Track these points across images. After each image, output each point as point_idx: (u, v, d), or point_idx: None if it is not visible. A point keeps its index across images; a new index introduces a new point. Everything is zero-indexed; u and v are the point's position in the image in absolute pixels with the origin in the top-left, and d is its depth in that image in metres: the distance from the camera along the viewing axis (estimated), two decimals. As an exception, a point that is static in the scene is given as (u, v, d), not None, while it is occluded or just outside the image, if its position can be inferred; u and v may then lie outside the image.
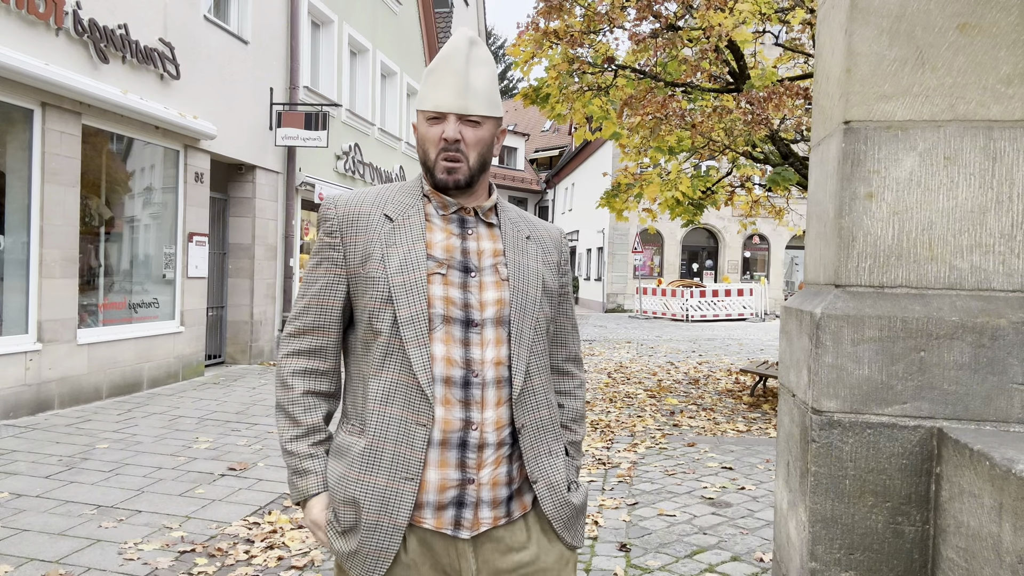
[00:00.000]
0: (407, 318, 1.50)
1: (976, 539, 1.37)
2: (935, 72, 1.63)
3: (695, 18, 7.50)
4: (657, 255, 29.06)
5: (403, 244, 1.54)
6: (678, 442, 6.68)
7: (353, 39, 13.95)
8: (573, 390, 1.76)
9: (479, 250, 1.59)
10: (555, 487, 1.59)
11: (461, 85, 1.53)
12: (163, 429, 6.68)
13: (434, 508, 1.52)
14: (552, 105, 9.00)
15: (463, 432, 1.51)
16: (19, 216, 7.09)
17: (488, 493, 1.54)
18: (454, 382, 1.51)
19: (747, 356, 13.98)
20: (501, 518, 1.56)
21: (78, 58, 7.49)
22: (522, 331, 1.56)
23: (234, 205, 11.02)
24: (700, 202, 10.38)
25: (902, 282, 1.64)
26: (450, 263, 1.55)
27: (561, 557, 1.62)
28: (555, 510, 1.59)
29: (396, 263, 1.52)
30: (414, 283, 1.51)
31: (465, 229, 1.59)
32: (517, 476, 1.58)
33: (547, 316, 1.64)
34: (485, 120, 1.56)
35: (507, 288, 1.57)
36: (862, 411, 1.60)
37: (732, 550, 4.06)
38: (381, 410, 1.51)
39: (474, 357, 1.52)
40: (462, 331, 1.53)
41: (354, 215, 1.58)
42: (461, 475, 1.52)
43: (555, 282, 1.68)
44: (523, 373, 1.55)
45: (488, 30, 28.69)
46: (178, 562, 3.78)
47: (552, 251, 1.70)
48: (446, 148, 1.53)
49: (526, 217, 1.73)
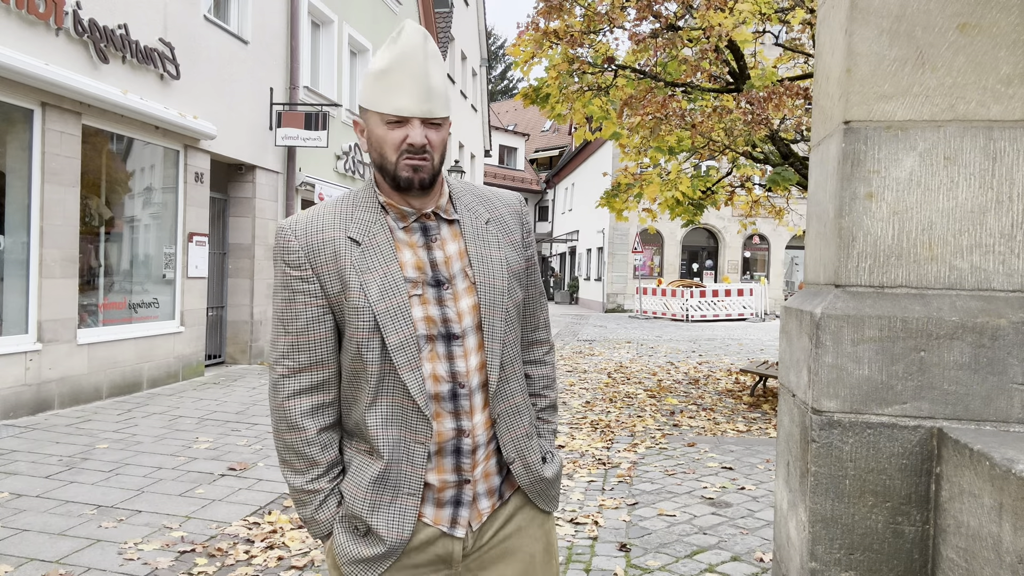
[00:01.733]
0: (397, 344, 1.48)
1: (976, 539, 1.37)
2: (935, 72, 1.63)
3: (695, 18, 7.50)
4: (657, 255, 29.07)
5: (377, 269, 1.50)
6: (678, 442, 6.68)
7: (353, 39, 13.95)
8: (542, 357, 1.77)
9: (446, 258, 1.56)
10: (530, 466, 1.63)
11: (423, 88, 1.48)
12: (163, 429, 6.68)
13: (434, 506, 1.57)
14: (552, 105, 9.00)
15: (456, 440, 1.54)
16: (19, 216, 7.09)
17: (483, 486, 1.59)
18: (443, 396, 1.53)
19: (747, 356, 13.98)
20: (497, 504, 1.62)
21: (78, 58, 7.49)
22: (494, 328, 1.56)
23: (234, 205, 11.02)
24: (700, 202, 10.38)
25: (902, 282, 1.64)
26: (424, 280, 1.53)
27: (535, 519, 1.68)
28: (530, 484, 1.64)
29: (376, 290, 1.49)
30: (398, 308, 1.49)
31: (429, 238, 1.56)
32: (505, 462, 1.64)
33: (517, 302, 1.63)
34: (444, 121, 1.53)
35: (476, 291, 1.56)
36: (862, 411, 1.60)
37: (732, 550, 4.06)
38: (382, 434, 1.52)
39: (459, 370, 1.53)
40: (445, 346, 1.53)
41: (319, 243, 1.52)
42: (458, 477, 1.56)
43: (520, 261, 1.66)
44: (497, 368, 1.56)
45: (488, 30, 28.71)
46: (178, 562, 3.78)
47: (514, 228, 1.67)
48: (411, 152, 1.49)
49: (482, 195, 1.68)
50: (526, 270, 1.68)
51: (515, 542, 1.64)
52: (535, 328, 1.76)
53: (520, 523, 1.65)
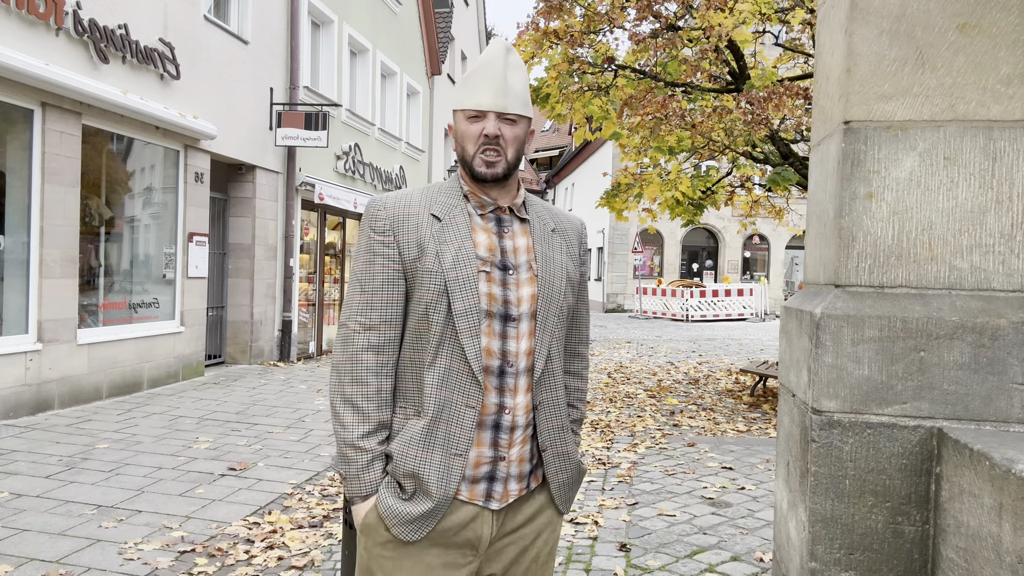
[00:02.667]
0: (461, 311, 1.62)
1: (976, 539, 1.37)
2: (935, 72, 1.63)
3: (695, 18, 7.50)
4: (657, 255, 29.06)
5: (453, 242, 1.65)
6: (678, 442, 6.67)
7: (353, 39, 13.95)
8: (580, 371, 1.90)
9: (515, 248, 1.71)
10: (561, 455, 1.75)
11: (500, 87, 1.66)
12: (163, 429, 6.68)
13: (469, 482, 1.66)
14: (552, 105, 9.00)
15: (497, 415, 1.66)
16: (19, 216, 7.09)
17: (516, 468, 1.69)
18: (492, 371, 1.65)
19: (747, 356, 13.97)
20: (523, 490, 1.72)
21: (78, 58, 7.49)
22: (547, 319, 1.69)
23: (234, 205, 11.02)
24: (700, 202, 10.38)
25: (902, 282, 1.64)
26: (493, 261, 1.68)
27: (551, 522, 1.78)
28: (556, 473, 1.75)
29: (450, 259, 1.64)
30: (467, 279, 1.63)
31: (502, 227, 1.72)
32: (536, 452, 1.73)
33: (570, 304, 1.77)
34: (520, 119, 1.69)
35: (537, 282, 1.70)
36: (862, 411, 1.60)
37: (732, 550, 4.06)
38: (437, 394, 1.63)
39: (510, 349, 1.66)
40: (501, 325, 1.66)
41: (404, 214, 1.68)
42: (494, 453, 1.66)
43: (576, 272, 1.81)
44: (544, 358, 1.69)
45: (488, 30, 28.70)
46: (178, 562, 3.78)
47: (575, 243, 1.83)
48: (486, 143, 1.65)
49: (550, 209, 1.85)
50: (579, 282, 1.83)
51: (530, 541, 1.74)
52: (578, 341, 1.89)
53: (540, 525, 1.76)
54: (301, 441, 6.39)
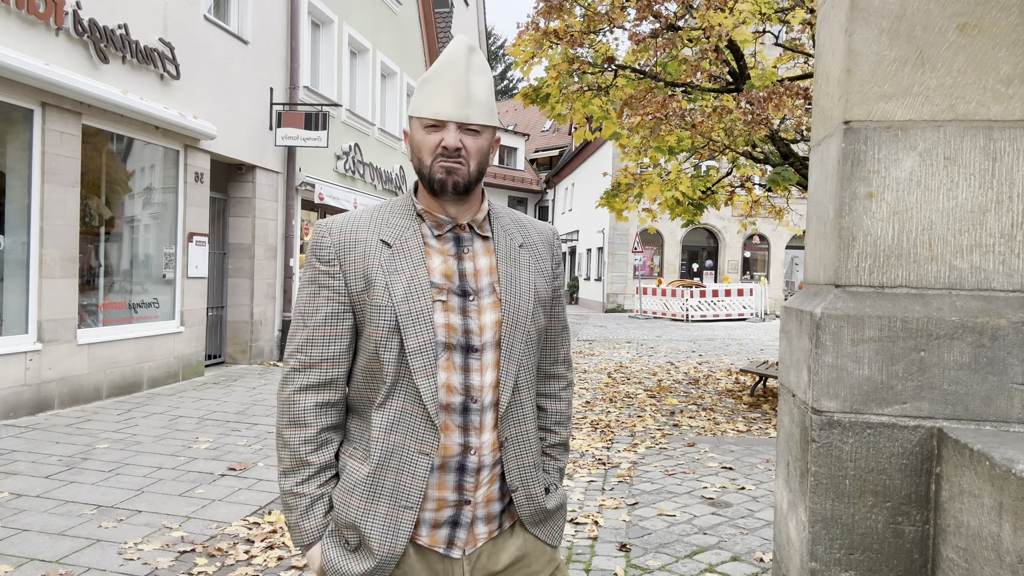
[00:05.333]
0: (415, 348, 1.48)
1: (976, 539, 1.37)
2: (935, 72, 1.63)
3: (695, 18, 7.50)
4: (657, 255, 29.07)
5: (405, 271, 1.51)
6: (678, 442, 6.67)
7: (353, 39, 13.95)
8: (558, 392, 1.75)
9: (475, 270, 1.56)
10: (533, 497, 1.61)
11: (462, 94, 1.50)
12: (163, 429, 6.68)
13: (429, 526, 1.53)
14: (552, 105, 8.99)
15: (461, 456, 1.52)
16: (19, 216, 7.09)
17: (483, 511, 1.57)
18: (454, 408, 1.51)
19: (747, 356, 13.97)
20: (495, 531, 1.59)
21: (78, 58, 7.49)
22: (513, 347, 1.55)
23: (234, 205, 11.02)
24: (700, 202, 10.37)
25: (902, 282, 1.64)
26: (450, 288, 1.53)
27: (546, 555, 1.65)
28: (530, 515, 1.61)
29: (400, 291, 1.49)
30: (420, 312, 1.49)
31: (461, 248, 1.57)
32: (508, 490, 1.60)
33: (539, 328, 1.62)
34: (484, 129, 1.53)
35: (501, 307, 1.55)
36: (862, 411, 1.60)
37: (732, 550, 4.06)
38: (385, 438, 1.49)
39: (473, 384, 1.52)
40: (462, 357, 1.52)
41: (350, 241, 1.54)
42: (458, 496, 1.53)
43: (547, 289, 1.65)
44: (511, 389, 1.54)
45: (488, 30, 28.70)
46: (178, 562, 3.78)
47: (545, 257, 1.67)
48: (445, 156, 1.50)
49: (519, 221, 1.69)
50: (552, 300, 1.68)
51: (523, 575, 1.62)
52: (554, 361, 1.74)
53: (536, 568, 1.63)
54: (301, 441, 6.38)
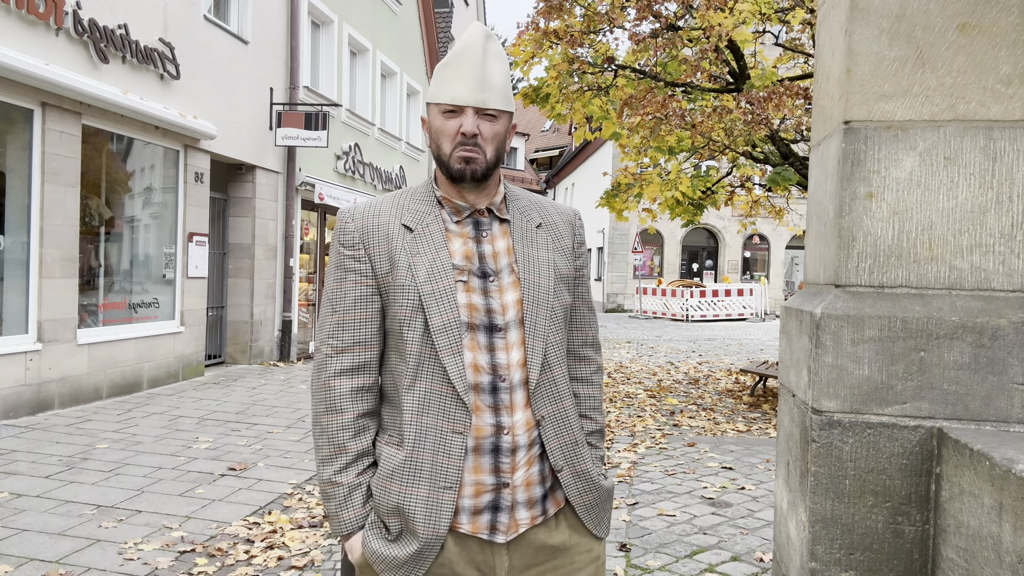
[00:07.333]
0: (439, 326, 1.49)
1: (976, 539, 1.37)
2: (935, 72, 1.63)
3: (695, 18, 7.50)
4: (657, 255, 29.06)
5: (427, 253, 1.53)
6: (678, 442, 6.67)
7: (353, 39, 13.95)
8: (589, 376, 1.73)
9: (494, 252, 1.58)
10: (580, 475, 1.59)
11: (478, 79, 1.51)
12: (163, 429, 6.68)
13: (470, 513, 1.52)
14: (552, 105, 9.00)
15: (495, 437, 1.52)
16: (19, 216, 7.09)
17: (523, 494, 1.54)
18: (483, 388, 1.52)
19: (747, 356, 13.97)
20: (538, 517, 1.57)
21: (78, 58, 7.49)
22: (536, 324, 1.55)
23: (234, 205, 11.02)
24: (700, 202, 10.37)
25: (902, 282, 1.64)
26: (470, 269, 1.55)
27: (591, 551, 1.62)
28: (579, 495, 1.59)
29: (423, 272, 1.52)
30: (443, 291, 1.51)
31: (480, 232, 1.59)
32: (550, 473, 1.58)
33: (563, 304, 1.62)
34: (501, 114, 1.55)
35: (520, 285, 1.57)
36: (862, 411, 1.60)
37: (732, 550, 4.06)
38: (418, 421, 1.50)
39: (500, 362, 1.52)
40: (487, 337, 1.53)
41: (373, 226, 1.57)
42: (495, 479, 1.52)
43: (569, 267, 1.66)
44: (539, 366, 1.54)
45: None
46: (178, 562, 3.78)
47: (565, 235, 1.68)
48: (463, 142, 1.52)
49: (538, 202, 1.70)
50: (575, 277, 1.68)
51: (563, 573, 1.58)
52: (583, 343, 1.73)
53: (581, 563, 1.59)
54: (301, 441, 6.38)
